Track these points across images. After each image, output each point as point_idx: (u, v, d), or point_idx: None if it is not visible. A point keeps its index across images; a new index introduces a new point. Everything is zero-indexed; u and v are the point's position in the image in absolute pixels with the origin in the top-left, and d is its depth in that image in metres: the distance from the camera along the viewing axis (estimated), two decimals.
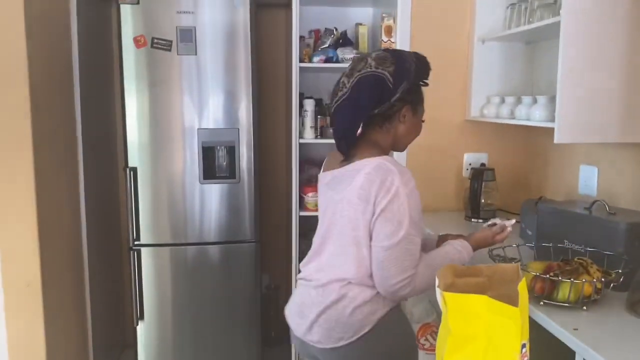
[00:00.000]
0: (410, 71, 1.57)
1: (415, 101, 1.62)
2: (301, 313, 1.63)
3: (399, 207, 1.46)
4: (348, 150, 1.58)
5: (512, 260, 1.69)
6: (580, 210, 1.86)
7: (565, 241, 1.82)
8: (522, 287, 0.68)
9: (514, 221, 1.71)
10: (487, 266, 0.76)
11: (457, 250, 1.58)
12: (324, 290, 1.57)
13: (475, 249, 1.65)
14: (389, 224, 1.46)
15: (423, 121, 1.69)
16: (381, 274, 1.47)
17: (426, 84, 1.66)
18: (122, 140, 2.60)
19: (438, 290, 0.70)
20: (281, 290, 3.40)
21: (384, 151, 1.60)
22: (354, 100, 1.54)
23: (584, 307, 1.52)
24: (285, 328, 3.10)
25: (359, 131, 1.53)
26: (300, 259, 2.92)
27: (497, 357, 0.65)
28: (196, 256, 2.67)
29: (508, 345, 0.65)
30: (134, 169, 2.56)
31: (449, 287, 0.75)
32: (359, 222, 1.51)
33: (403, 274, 1.42)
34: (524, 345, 0.66)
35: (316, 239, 1.71)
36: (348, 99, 1.55)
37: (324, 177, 1.70)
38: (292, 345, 2.86)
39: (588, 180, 2.29)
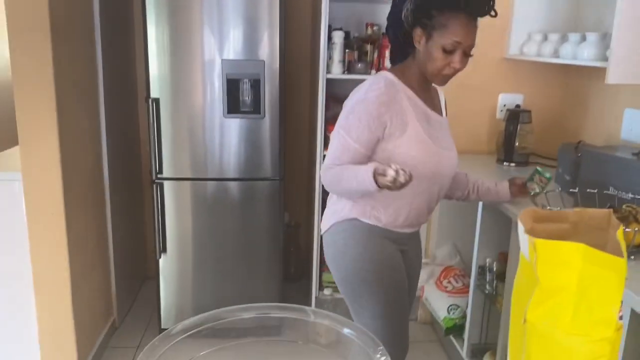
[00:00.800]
0: None
1: (428, 25, 1.48)
2: None
3: (348, 106, 1.56)
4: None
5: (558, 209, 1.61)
6: (627, 155, 1.76)
7: (611, 187, 1.73)
8: (621, 235, 0.60)
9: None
10: (574, 211, 0.69)
11: (362, 175, 1.43)
12: None
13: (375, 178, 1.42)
14: (342, 113, 1.59)
15: (447, 50, 1.47)
16: None
17: (456, 6, 1.45)
18: (143, 71, 2.49)
19: (525, 236, 0.62)
20: (302, 228, 3.38)
21: (410, 73, 1.59)
22: (391, 16, 1.60)
23: (632, 257, 1.45)
24: (304, 264, 3.10)
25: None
26: (324, 198, 2.88)
27: (592, 311, 0.58)
28: (218, 192, 2.62)
29: (606, 299, 0.58)
30: (157, 100, 2.47)
31: (529, 233, 0.67)
32: None
33: (324, 162, 1.58)
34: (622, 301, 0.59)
35: None
36: (390, 13, 1.61)
37: None
38: (312, 281, 2.86)
39: (633, 125, 2.18)
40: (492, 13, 1.52)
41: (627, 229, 1.41)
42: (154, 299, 2.83)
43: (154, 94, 2.47)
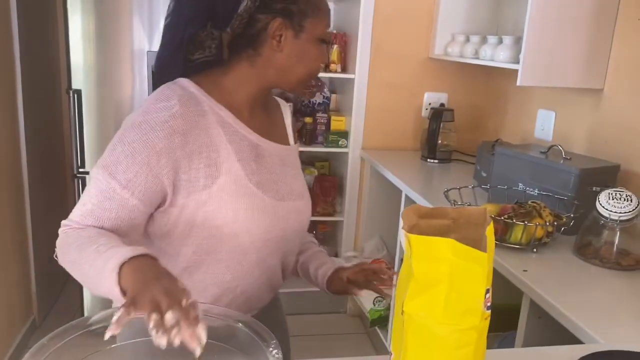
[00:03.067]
0: None
1: (293, 12, 0.99)
2: None
3: (117, 134, 0.97)
4: (159, 80, 1.04)
5: (467, 205, 1.68)
6: (536, 154, 1.86)
7: (520, 184, 1.83)
8: (490, 232, 0.65)
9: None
10: (453, 208, 0.73)
11: (106, 261, 0.83)
12: None
13: (125, 280, 0.80)
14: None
15: (327, 43, 1.06)
16: None
17: None
18: (65, 61, 2.40)
19: (402, 232, 0.66)
20: None
21: (236, 85, 1.03)
22: (174, 19, 1.02)
23: (534, 250, 1.55)
24: None
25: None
26: None
27: (460, 302, 0.63)
28: None
29: (472, 290, 0.62)
30: (78, 92, 2.39)
31: (411, 229, 0.71)
32: None
33: (71, 216, 0.99)
34: (487, 291, 0.63)
35: None
36: (171, 15, 1.03)
37: None
38: None
39: (545, 125, 2.30)
40: None
41: (528, 224, 1.50)
42: (78, 297, 2.74)
43: (75, 85, 2.39)
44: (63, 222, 0.99)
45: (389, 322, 2.49)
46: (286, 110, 1.20)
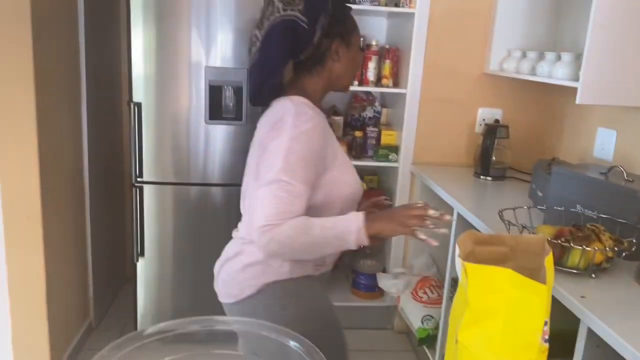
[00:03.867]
0: (324, 1, 1.35)
1: (344, 32, 1.38)
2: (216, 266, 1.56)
3: (277, 148, 1.26)
4: (265, 105, 1.41)
5: (522, 226, 1.64)
6: (595, 175, 1.80)
7: (578, 206, 1.77)
8: (549, 262, 0.63)
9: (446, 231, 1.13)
10: (510, 236, 0.72)
11: (347, 229, 1.23)
12: (229, 244, 1.54)
13: (372, 230, 1.22)
14: (263, 165, 1.29)
15: (363, 49, 1.51)
16: (249, 219, 1.38)
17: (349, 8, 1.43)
18: (127, 74, 2.51)
19: (458, 260, 0.65)
20: None
21: (314, 92, 1.40)
22: (265, 56, 1.35)
23: (593, 275, 1.49)
24: None
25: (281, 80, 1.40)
26: None
27: (517, 334, 0.61)
28: (200, 197, 2.64)
29: (530, 322, 0.61)
30: (139, 104, 2.48)
31: (467, 256, 0.70)
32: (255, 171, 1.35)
33: (264, 220, 1.21)
34: (545, 323, 0.62)
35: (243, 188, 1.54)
36: (259, 53, 1.36)
37: None
38: None
39: (605, 144, 2.22)
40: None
41: (586, 248, 1.44)
42: (132, 302, 2.83)
43: (136, 97, 2.48)
44: (260, 226, 1.22)
45: (437, 341, 2.45)
46: None
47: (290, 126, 1.27)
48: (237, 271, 1.43)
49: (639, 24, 1.82)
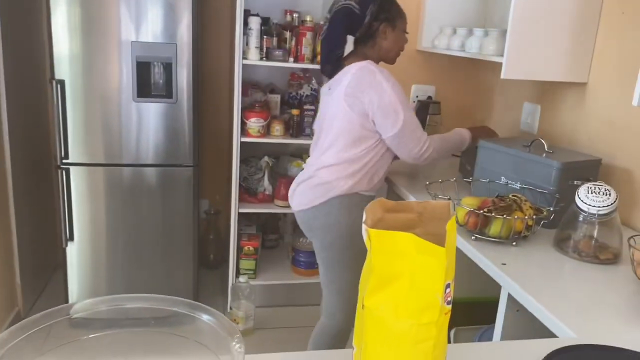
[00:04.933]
0: None
1: (390, 18, 1.86)
2: (292, 188, 2.05)
3: (389, 99, 1.77)
4: (332, 74, 1.92)
5: (447, 198, 1.68)
6: (519, 148, 1.86)
7: (503, 178, 1.83)
8: (451, 226, 0.65)
9: None
10: (417, 202, 0.72)
11: (463, 137, 2.01)
12: (303, 172, 2.01)
13: (474, 135, 2.04)
14: (387, 116, 1.79)
15: (407, 33, 1.91)
16: (402, 151, 1.87)
17: None
18: (48, 51, 2.38)
19: (364, 227, 0.65)
20: (221, 215, 3.36)
21: (375, 58, 1.89)
22: (330, 34, 1.89)
23: (514, 243, 1.55)
24: (224, 252, 3.09)
25: (343, 53, 1.88)
26: (241, 185, 2.86)
27: (419, 297, 0.62)
28: (130, 177, 2.56)
29: (431, 285, 0.62)
30: (62, 82, 2.37)
31: (377, 223, 0.70)
32: (346, 115, 1.82)
33: (419, 142, 1.84)
34: (447, 286, 0.63)
35: (314, 137, 2.03)
36: (327, 31, 1.90)
37: (324, 89, 2.00)
38: (229, 269, 2.86)
39: (530, 118, 2.30)
40: None
41: (508, 217, 1.49)
42: (62, 288, 2.73)
43: (59, 75, 2.36)
44: (419, 148, 1.85)
45: None
46: None
47: (385, 81, 1.78)
48: (310, 188, 1.93)
49: (560, 1, 1.88)
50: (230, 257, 2.85)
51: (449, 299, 0.65)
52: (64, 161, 2.45)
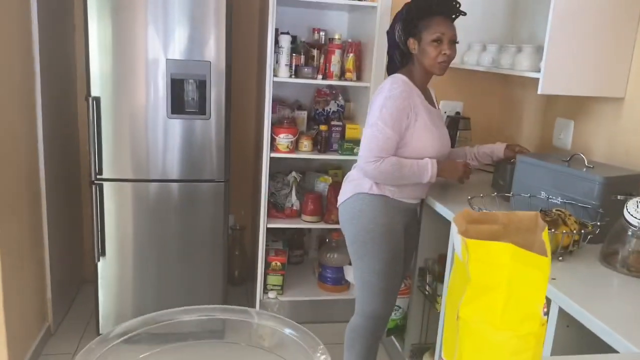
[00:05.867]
0: (402, 13, 1.98)
1: (415, 32, 1.93)
2: None
3: (378, 103, 1.89)
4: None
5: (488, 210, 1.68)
6: (558, 162, 1.86)
7: (542, 192, 1.82)
8: (546, 236, 0.65)
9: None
10: (503, 213, 0.73)
11: (424, 168, 1.92)
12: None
13: (439, 174, 1.95)
14: (370, 114, 1.93)
15: (436, 41, 1.90)
16: (359, 153, 1.94)
17: (430, 12, 1.93)
18: (83, 69, 2.41)
19: (458, 237, 0.65)
20: (246, 231, 3.36)
21: (414, 75, 1.98)
22: (388, 44, 2.08)
23: (560, 258, 1.54)
24: (249, 268, 3.11)
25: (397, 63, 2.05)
26: (269, 201, 2.88)
27: (519, 308, 0.62)
28: (161, 193, 2.58)
29: (532, 295, 0.62)
30: (97, 99, 2.40)
31: (463, 234, 0.70)
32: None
33: (369, 153, 1.87)
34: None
35: None
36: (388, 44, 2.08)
37: None
38: (257, 284, 2.86)
39: (563, 133, 2.30)
40: (462, 12, 1.99)
41: (555, 232, 1.49)
42: (92, 303, 2.74)
43: (94, 92, 2.40)
44: (365, 159, 1.90)
45: (406, 330, 2.48)
46: (432, 91, 2.15)
47: (386, 91, 1.90)
48: (344, 185, 2.10)
49: (596, 16, 1.89)
50: (258, 273, 2.85)
51: (545, 309, 0.65)
52: (98, 177, 2.47)
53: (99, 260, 2.56)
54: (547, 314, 0.65)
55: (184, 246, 2.66)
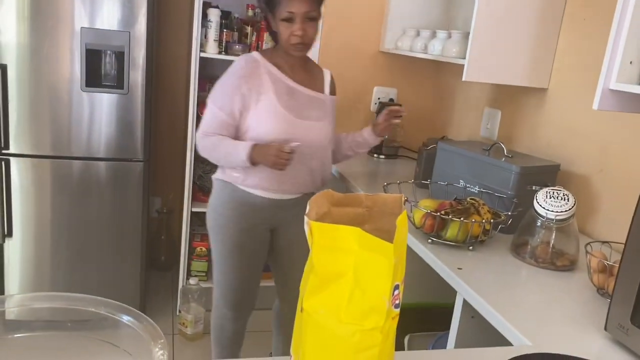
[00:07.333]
0: None
1: (269, 10, 1.73)
2: None
3: (215, 86, 1.78)
4: None
5: (405, 200, 1.63)
6: (478, 151, 1.83)
7: (461, 181, 1.79)
8: (402, 221, 0.58)
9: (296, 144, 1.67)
10: (367, 195, 0.66)
11: (238, 150, 1.70)
12: None
13: (254, 158, 1.68)
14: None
15: (286, 20, 1.68)
16: None
17: None
18: None
19: (305, 219, 0.58)
20: (174, 214, 3.23)
21: (277, 53, 1.80)
22: None
23: (470, 247, 1.51)
24: (175, 253, 2.99)
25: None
26: (196, 184, 2.76)
27: (364, 300, 0.55)
28: (79, 172, 2.41)
29: (378, 285, 0.55)
30: (3, 66, 2.21)
31: (322, 217, 0.63)
32: None
33: (199, 129, 1.77)
34: (396, 287, 0.56)
35: None
36: None
37: None
38: (180, 270, 2.75)
39: (490, 123, 2.28)
40: None
41: (465, 220, 1.45)
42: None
43: (1, 59, 2.21)
44: (197, 133, 1.78)
45: None
46: (327, 74, 1.93)
47: (227, 71, 1.77)
48: None
49: (523, 4, 1.86)
50: (182, 259, 2.73)
51: (397, 301, 0.59)
52: (4, 151, 2.29)
53: (3, 241, 2.38)
54: (398, 306, 0.59)
55: (103, 229, 2.51)
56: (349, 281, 0.56)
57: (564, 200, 1.43)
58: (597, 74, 1.71)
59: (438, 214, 1.46)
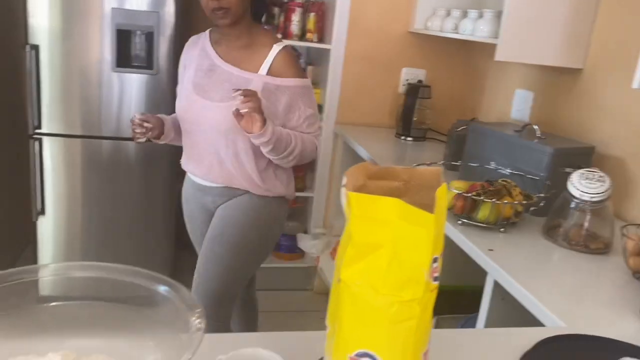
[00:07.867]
0: None
1: None
2: None
3: None
4: None
5: None
6: (510, 133, 1.80)
7: (492, 163, 1.76)
8: (441, 193, 0.57)
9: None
10: (404, 168, 0.65)
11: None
12: None
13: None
14: None
15: None
16: None
17: None
18: (23, 14, 2.25)
19: (343, 191, 0.57)
20: None
21: (215, 31, 1.72)
22: None
23: (502, 229, 1.49)
24: None
25: None
26: None
27: (403, 271, 0.55)
28: (111, 151, 2.45)
29: (417, 257, 0.55)
30: (36, 47, 2.25)
31: (359, 189, 0.62)
32: None
33: None
34: (435, 260, 0.55)
35: None
36: None
37: None
38: None
39: (522, 105, 2.24)
40: None
41: (497, 202, 1.43)
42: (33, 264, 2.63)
43: (32, 40, 2.25)
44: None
45: None
46: (272, 54, 1.61)
47: None
48: None
49: None
50: None
51: (435, 274, 0.58)
52: (37, 131, 2.34)
53: (36, 219, 2.44)
54: (437, 279, 0.58)
55: (131, 208, 2.55)
56: (387, 252, 0.56)
57: (600, 182, 1.40)
58: (637, 51, 1.65)
59: (469, 195, 1.45)
